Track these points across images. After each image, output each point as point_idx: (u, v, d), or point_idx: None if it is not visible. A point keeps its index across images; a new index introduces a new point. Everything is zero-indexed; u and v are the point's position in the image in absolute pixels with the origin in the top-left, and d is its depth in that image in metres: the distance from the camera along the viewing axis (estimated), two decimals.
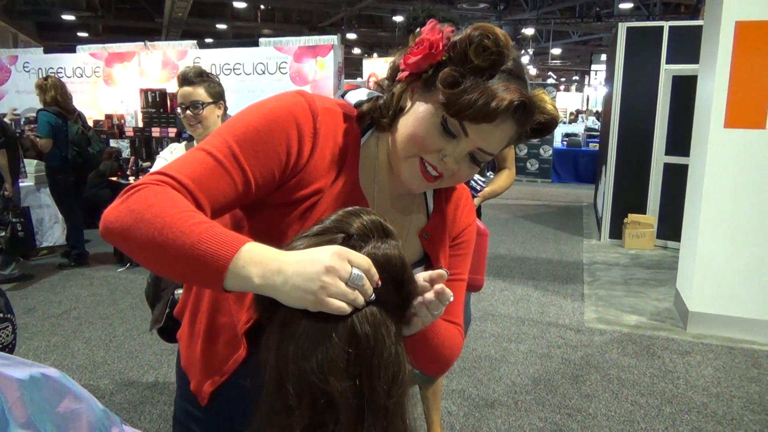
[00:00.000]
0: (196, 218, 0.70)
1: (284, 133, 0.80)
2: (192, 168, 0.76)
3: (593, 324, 3.90)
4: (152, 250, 0.69)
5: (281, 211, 0.84)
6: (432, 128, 0.79)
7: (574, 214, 8.08)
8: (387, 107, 0.85)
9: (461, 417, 2.71)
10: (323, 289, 0.62)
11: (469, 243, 1.00)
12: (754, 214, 3.58)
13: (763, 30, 3.44)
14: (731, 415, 2.76)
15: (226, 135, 0.79)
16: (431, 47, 0.78)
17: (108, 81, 6.80)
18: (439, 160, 0.81)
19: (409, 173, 0.83)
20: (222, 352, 0.89)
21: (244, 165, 0.78)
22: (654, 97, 5.87)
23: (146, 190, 0.72)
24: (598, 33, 17.02)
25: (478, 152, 0.81)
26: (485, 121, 0.76)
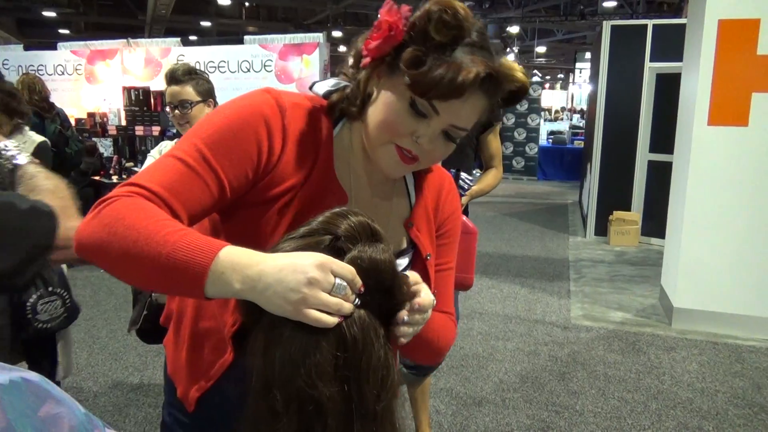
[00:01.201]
0: (169, 227, 0.68)
1: (253, 132, 0.79)
2: (163, 175, 0.74)
3: (579, 321, 3.92)
4: (128, 264, 0.68)
5: (258, 210, 0.82)
6: (401, 112, 0.78)
7: (559, 212, 8.13)
8: (354, 96, 0.83)
9: (449, 415, 2.71)
10: (303, 301, 0.62)
11: (454, 231, 0.99)
12: (737, 210, 3.63)
13: (745, 28, 3.47)
14: (716, 409, 2.78)
15: (195, 139, 0.77)
16: (390, 29, 0.76)
17: (90, 79, 6.70)
18: (412, 142, 0.79)
19: (386, 160, 0.82)
20: (208, 358, 0.87)
21: (216, 167, 0.76)
22: (638, 94, 5.92)
23: (117, 202, 0.70)
24: (583, 31, 17.13)
25: (452, 129, 0.79)
26: (453, 97, 0.74)
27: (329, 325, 0.62)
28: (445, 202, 0.98)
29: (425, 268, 0.92)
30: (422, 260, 0.93)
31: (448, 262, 0.99)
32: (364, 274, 0.65)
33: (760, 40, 3.45)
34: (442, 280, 0.97)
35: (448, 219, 0.98)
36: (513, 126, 11.42)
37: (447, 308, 0.98)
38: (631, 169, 6.08)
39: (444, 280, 0.98)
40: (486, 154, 2.34)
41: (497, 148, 2.35)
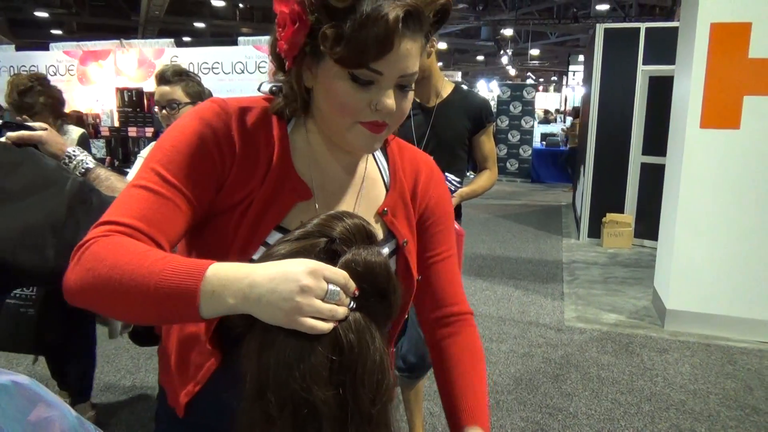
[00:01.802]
0: (151, 257, 0.67)
1: (205, 144, 0.78)
2: (132, 207, 0.74)
3: (573, 323, 3.93)
4: (120, 304, 0.68)
5: (222, 218, 0.81)
6: (348, 90, 0.75)
7: (553, 214, 8.15)
8: (292, 98, 0.82)
9: (443, 418, 2.69)
10: (297, 310, 0.61)
11: (445, 216, 0.97)
12: (729, 212, 3.65)
13: (737, 32, 3.50)
14: (708, 411, 2.80)
15: (153, 164, 0.77)
16: (294, 20, 0.74)
17: (83, 79, 6.66)
18: (373, 112, 0.77)
19: (358, 141, 0.80)
20: (195, 362, 0.86)
21: (179, 187, 0.76)
22: (631, 97, 5.95)
23: (95, 245, 0.70)
24: (576, 34, 17.22)
25: (402, 80, 0.77)
26: (386, 52, 0.72)
27: (324, 332, 0.62)
28: (427, 186, 0.95)
29: (404, 256, 0.90)
30: (402, 249, 0.90)
31: (447, 250, 0.96)
32: (359, 277, 0.65)
33: (751, 43, 3.47)
34: (443, 271, 0.96)
35: (436, 205, 0.95)
36: (507, 128, 11.46)
37: (459, 303, 0.97)
38: (624, 172, 6.10)
39: (446, 270, 0.96)
40: (479, 155, 2.33)
41: (491, 149, 2.35)
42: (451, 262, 0.97)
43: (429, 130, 2.20)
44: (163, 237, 0.74)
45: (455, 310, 0.97)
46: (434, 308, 0.96)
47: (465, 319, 0.97)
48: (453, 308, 0.96)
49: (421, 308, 0.98)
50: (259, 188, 0.81)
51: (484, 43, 18.73)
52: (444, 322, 0.96)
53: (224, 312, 0.65)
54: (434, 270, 0.96)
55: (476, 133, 2.28)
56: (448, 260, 0.96)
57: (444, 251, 0.96)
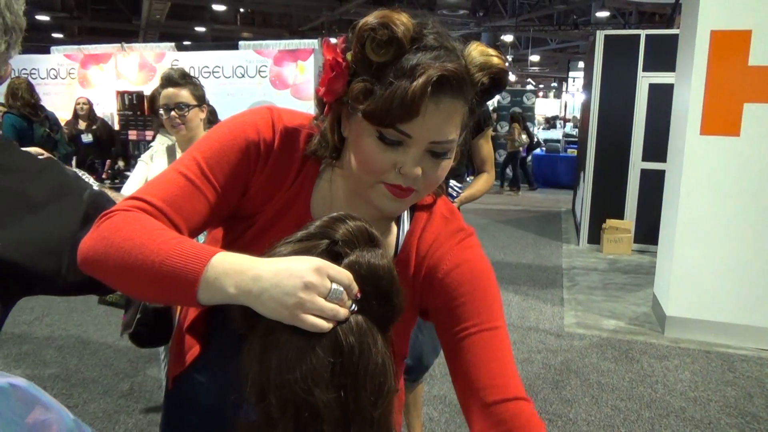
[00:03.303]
0: (164, 236, 0.68)
1: (248, 149, 0.79)
2: (164, 189, 0.76)
3: (573, 329, 3.92)
4: (125, 275, 0.69)
5: (232, 226, 0.84)
6: (374, 148, 0.72)
7: (553, 220, 8.15)
8: (325, 143, 0.80)
9: (442, 423, 2.69)
10: (299, 306, 0.61)
11: (465, 284, 0.81)
12: (729, 219, 3.64)
13: (737, 39, 3.51)
14: (708, 419, 2.78)
15: (196, 153, 0.79)
16: (332, 68, 0.73)
17: (83, 83, 6.67)
18: (398, 175, 0.73)
19: (380, 201, 0.77)
20: (187, 344, 0.90)
21: (213, 182, 0.78)
22: (631, 104, 5.96)
23: (116, 216, 0.72)
24: (576, 41, 17.26)
25: (434, 146, 0.73)
26: (412, 115, 0.68)
27: (325, 330, 0.62)
28: (444, 253, 0.83)
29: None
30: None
31: (478, 324, 0.78)
32: (362, 279, 0.65)
33: (751, 51, 3.48)
34: (480, 345, 0.78)
35: (450, 272, 0.82)
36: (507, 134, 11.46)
37: (502, 387, 0.77)
38: (624, 178, 6.11)
39: (483, 345, 0.78)
40: (477, 158, 2.35)
41: (489, 152, 2.37)
42: (486, 337, 0.78)
43: None
44: (185, 224, 0.76)
45: (499, 395, 0.76)
46: (469, 395, 0.78)
47: (516, 408, 0.77)
48: (494, 392, 0.76)
49: (461, 402, 0.81)
50: (270, 213, 0.82)
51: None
52: (487, 414, 0.75)
53: (223, 300, 0.64)
54: (461, 348, 0.79)
55: (475, 137, 2.29)
56: (480, 335, 0.78)
57: (472, 326, 0.78)
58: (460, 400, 0.81)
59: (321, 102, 0.78)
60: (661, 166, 4.86)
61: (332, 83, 0.74)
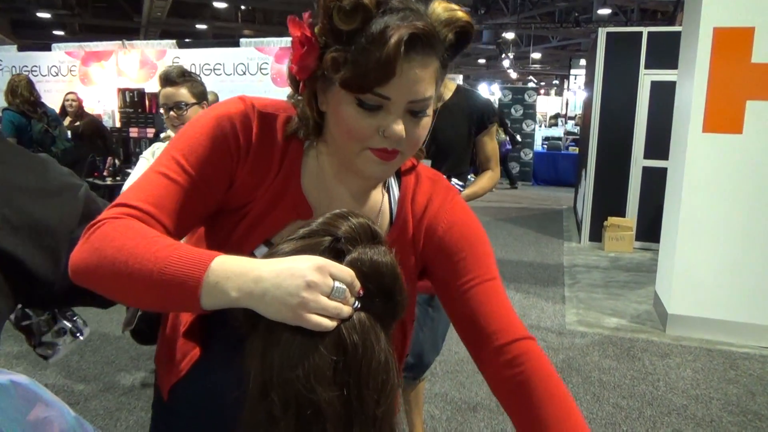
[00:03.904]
0: (159, 243, 0.67)
1: (225, 140, 0.79)
2: (148, 192, 0.75)
3: (574, 326, 3.92)
4: (122, 285, 0.68)
5: (223, 219, 0.82)
6: (355, 116, 0.74)
7: (554, 217, 8.14)
8: (305, 121, 0.80)
9: (444, 421, 2.69)
10: (303, 306, 0.60)
11: (463, 240, 0.86)
12: (731, 217, 3.64)
13: (740, 36, 3.49)
14: (710, 416, 2.78)
15: (174, 152, 0.78)
16: (302, 43, 0.73)
17: (85, 80, 6.68)
18: (382, 139, 0.75)
19: (367, 167, 0.78)
20: (182, 350, 0.87)
21: (196, 178, 0.77)
22: (633, 101, 5.95)
23: (106, 225, 0.71)
24: (577, 38, 17.23)
25: (413, 105, 0.74)
26: (389, 77, 0.70)
27: (329, 329, 0.61)
28: (437, 214, 0.88)
29: None
30: None
31: (476, 277, 0.84)
32: (365, 276, 0.64)
33: (754, 48, 3.47)
34: (483, 295, 0.84)
35: (447, 231, 0.87)
36: None
37: (508, 329, 0.82)
38: (626, 175, 6.10)
39: (485, 295, 0.84)
40: (482, 156, 2.32)
41: (493, 149, 2.33)
42: (490, 288, 0.85)
43: (431, 132, 2.19)
44: (174, 225, 0.76)
45: (506, 338, 0.81)
46: (480, 341, 0.83)
47: (524, 346, 0.81)
48: (501, 335, 0.81)
49: (471, 350, 0.86)
50: (262, 198, 0.81)
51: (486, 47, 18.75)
52: (500, 356, 0.81)
53: (226, 304, 0.64)
54: (466, 299, 0.84)
55: (479, 134, 2.27)
56: (481, 286, 0.84)
57: (475, 278, 0.84)
58: (470, 348, 0.87)
59: (295, 81, 0.79)
60: (663, 164, 4.84)
61: (304, 59, 0.74)
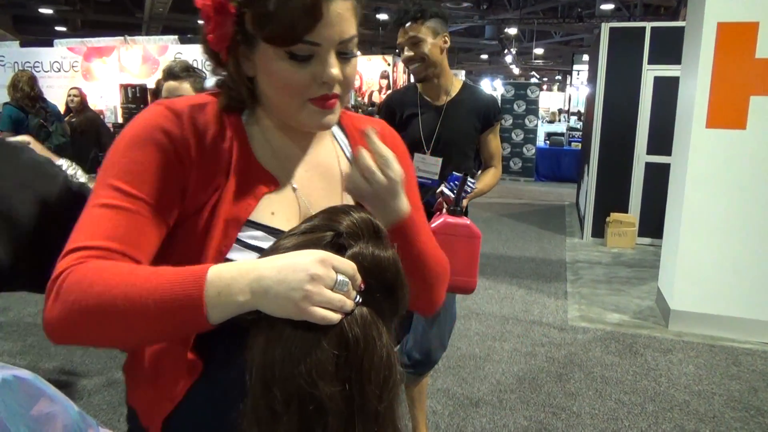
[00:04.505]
0: (141, 274, 0.65)
1: (159, 149, 0.74)
2: (98, 228, 0.70)
3: (576, 322, 3.92)
4: (118, 330, 0.64)
5: (193, 220, 0.77)
6: (289, 70, 0.73)
7: (556, 213, 8.13)
8: (236, 91, 0.79)
9: (446, 416, 2.69)
10: (307, 299, 0.60)
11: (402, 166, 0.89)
12: (734, 213, 3.63)
13: (744, 31, 3.48)
14: (712, 412, 2.78)
15: (111, 180, 0.73)
16: (216, 10, 0.72)
17: (87, 76, 6.68)
18: (320, 86, 0.74)
19: (311, 119, 0.77)
20: (171, 376, 0.79)
21: (143, 198, 0.72)
22: (636, 97, 5.93)
23: (72, 275, 0.66)
24: (580, 33, 17.16)
25: (342, 46, 0.74)
26: (317, 18, 0.70)
27: (334, 322, 0.61)
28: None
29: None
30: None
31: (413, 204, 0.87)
32: (366, 271, 0.64)
33: (758, 43, 3.45)
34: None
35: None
36: (511, 127, 11.43)
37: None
38: (629, 171, 6.08)
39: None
40: (486, 153, 2.32)
41: (497, 147, 2.33)
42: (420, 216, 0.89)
43: (438, 129, 2.19)
44: (139, 253, 0.71)
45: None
46: None
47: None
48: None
49: None
50: (224, 185, 0.77)
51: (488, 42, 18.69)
52: None
53: (234, 312, 0.63)
54: None
55: (484, 132, 2.26)
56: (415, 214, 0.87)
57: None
58: None
59: (214, 54, 0.77)
60: (666, 160, 4.83)
61: (220, 27, 0.73)
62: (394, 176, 0.77)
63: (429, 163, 2.19)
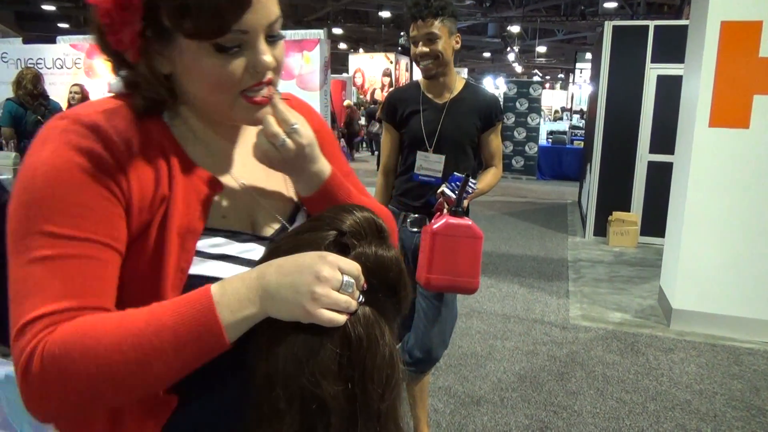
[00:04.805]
0: (134, 321, 0.60)
1: (85, 172, 0.63)
2: (49, 288, 0.60)
3: (578, 321, 3.92)
4: (134, 384, 0.60)
5: (143, 240, 0.68)
6: (219, 64, 0.66)
7: (558, 212, 8.12)
8: (152, 92, 0.69)
9: (447, 414, 2.70)
10: (315, 302, 0.60)
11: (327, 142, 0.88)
12: (737, 212, 3.62)
13: (748, 30, 3.47)
14: (714, 411, 2.78)
15: (35, 225, 0.61)
16: (120, 4, 0.62)
17: (89, 73, 6.68)
18: (252, 75, 0.68)
19: (245, 113, 0.71)
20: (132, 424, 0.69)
21: (83, 236, 0.62)
22: (639, 95, 5.92)
23: (49, 350, 0.57)
24: (583, 31, 17.15)
25: (270, 29, 0.69)
26: (245, 7, 0.64)
27: (341, 324, 0.61)
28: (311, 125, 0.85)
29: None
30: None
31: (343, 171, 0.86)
32: (369, 271, 0.64)
33: (762, 42, 3.44)
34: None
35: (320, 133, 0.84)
36: (513, 125, 11.42)
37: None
38: (631, 170, 6.07)
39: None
40: (486, 152, 2.32)
41: (498, 146, 2.33)
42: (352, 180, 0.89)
43: (440, 126, 2.19)
44: (104, 300, 0.63)
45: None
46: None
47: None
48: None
49: None
50: (168, 197, 0.69)
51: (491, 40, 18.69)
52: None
53: (248, 325, 0.62)
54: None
55: (485, 131, 2.26)
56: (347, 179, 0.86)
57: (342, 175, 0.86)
58: None
59: (116, 54, 0.68)
60: (668, 159, 4.82)
61: (126, 25, 0.64)
62: (303, 140, 0.72)
63: (432, 161, 2.19)
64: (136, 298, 0.64)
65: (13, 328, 0.59)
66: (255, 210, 0.78)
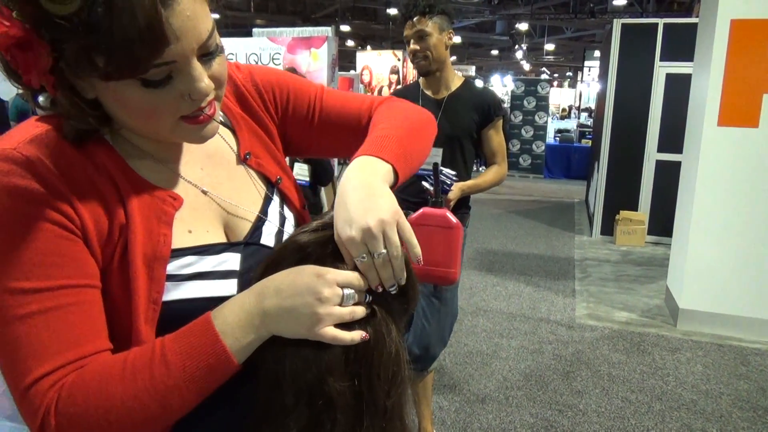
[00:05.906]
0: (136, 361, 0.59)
1: (31, 217, 0.58)
2: (40, 345, 0.57)
3: (584, 320, 3.91)
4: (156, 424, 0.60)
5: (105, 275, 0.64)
6: (148, 98, 0.59)
7: (565, 210, 8.10)
8: (81, 119, 0.61)
9: (452, 412, 2.70)
10: (320, 323, 0.61)
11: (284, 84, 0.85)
12: (745, 212, 3.60)
13: (758, 28, 3.44)
14: (720, 412, 2.77)
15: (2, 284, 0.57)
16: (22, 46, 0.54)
17: None
18: (190, 103, 0.62)
19: (189, 136, 0.66)
20: None
21: (58, 284, 0.58)
22: (647, 94, 5.88)
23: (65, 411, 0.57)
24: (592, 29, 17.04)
25: (203, 48, 0.60)
26: (162, 40, 0.54)
27: (347, 341, 0.62)
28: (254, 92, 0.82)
29: (282, 193, 0.82)
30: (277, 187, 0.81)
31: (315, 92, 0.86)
32: None
33: None
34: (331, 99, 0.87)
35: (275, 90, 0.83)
36: (520, 123, 11.39)
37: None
38: (639, 169, 6.05)
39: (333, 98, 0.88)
40: (488, 149, 2.29)
41: (499, 143, 2.29)
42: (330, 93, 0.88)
43: (437, 122, 2.19)
44: (98, 342, 0.61)
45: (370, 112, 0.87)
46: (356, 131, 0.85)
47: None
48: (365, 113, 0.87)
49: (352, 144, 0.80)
50: (126, 223, 0.63)
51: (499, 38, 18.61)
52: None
53: (255, 347, 0.63)
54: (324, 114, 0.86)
55: (484, 127, 2.25)
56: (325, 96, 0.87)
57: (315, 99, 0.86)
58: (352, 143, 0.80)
59: (32, 90, 0.60)
60: (676, 158, 4.80)
61: (34, 64, 0.55)
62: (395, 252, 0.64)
63: (430, 155, 2.20)
64: (110, 334, 0.63)
65: (15, 392, 0.58)
66: (223, 214, 0.73)
